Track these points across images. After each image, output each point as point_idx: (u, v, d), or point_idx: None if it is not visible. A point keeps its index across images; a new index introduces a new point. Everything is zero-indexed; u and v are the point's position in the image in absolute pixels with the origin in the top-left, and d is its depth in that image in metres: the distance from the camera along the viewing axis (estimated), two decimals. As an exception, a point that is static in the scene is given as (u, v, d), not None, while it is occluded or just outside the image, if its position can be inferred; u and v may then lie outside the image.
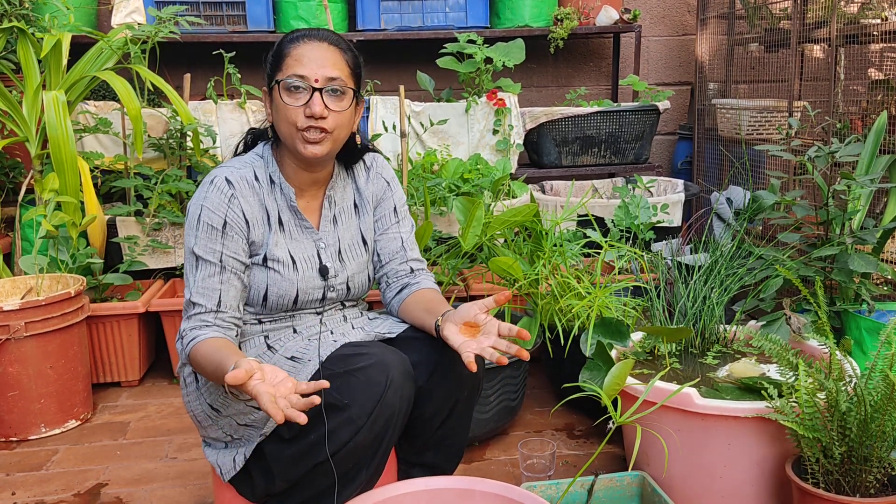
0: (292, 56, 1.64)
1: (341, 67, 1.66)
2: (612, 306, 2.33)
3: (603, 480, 1.96)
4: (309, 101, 1.62)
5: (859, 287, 2.36)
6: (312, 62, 1.63)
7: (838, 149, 2.39)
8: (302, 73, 1.62)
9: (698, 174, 4.13)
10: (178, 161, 3.23)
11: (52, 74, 2.95)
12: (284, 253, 1.72)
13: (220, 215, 1.65)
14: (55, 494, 2.19)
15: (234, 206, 1.66)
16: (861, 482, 1.68)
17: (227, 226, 1.65)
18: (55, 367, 2.54)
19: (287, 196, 1.74)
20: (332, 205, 1.81)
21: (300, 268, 1.73)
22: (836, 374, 1.81)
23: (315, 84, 1.62)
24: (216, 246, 1.65)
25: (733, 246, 2.51)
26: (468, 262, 2.83)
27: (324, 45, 1.66)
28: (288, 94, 1.63)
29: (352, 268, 1.81)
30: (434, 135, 3.50)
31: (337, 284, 1.78)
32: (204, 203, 1.66)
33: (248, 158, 1.75)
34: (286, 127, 1.65)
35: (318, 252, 1.76)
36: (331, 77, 1.64)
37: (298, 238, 1.75)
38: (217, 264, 1.65)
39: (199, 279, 1.65)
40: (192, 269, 1.67)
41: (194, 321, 1.64)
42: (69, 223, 2.78)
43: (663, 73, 4.47)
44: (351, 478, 1.61)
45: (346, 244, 1.81)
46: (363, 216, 1.85)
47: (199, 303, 1.65)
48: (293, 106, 1.63)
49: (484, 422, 2.35)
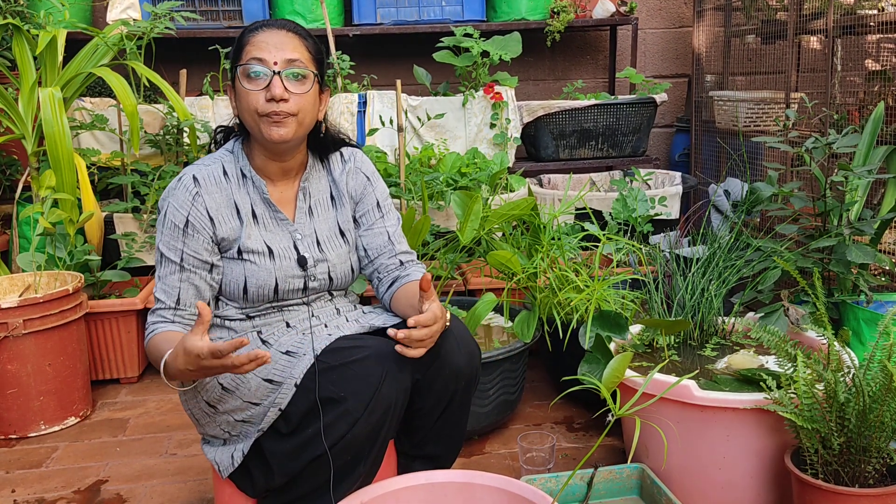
0: (251, 43, 1.65)
1: (301, 52, 1.66)
2: (611, 299, 2.33)
3: (602, 473, 1.97)
4: (269, 85, 1.63)
5: (857, 278, 2.37)
6: (271, 46, 1.64)
7: (835, 140, 2.38)
8: (260, 57, 1.63)
9: (696, 166, 4.13)
10: (175, 157, 3.22)
11: (48, 71, 2.94)
12: (260, 244, 1.73)
13: (184, 213, 1.67)
14: (55, 491, 2.19)
15: (197, 203, 1.68)
16: (860, 473, 1.69)
17: (189, 224, 1.67)
18: (54, 364, 2.54)
19: (259, 188, 1.74)
20: (307, 196, 1.81)
21: (277, 257, 1.73)
22: (835, 365, 1.81)
23: (274, 67, 1.63)
24: (178, 244, 1.68)
25: (731, 238, 2.52)
26: (466, 257, 2.83)
27: (282, 31, 1.66)
28: (248, 80, 1.63)
29: (332, 258, 1.80)
30: (431, 129, 3.50)
31: (318, 274, 1.78)
32: (170, 200, 1.68)
33: (218, 154, 1.76)
34: (249, 115, 1.66)
35: (294, 243, 1.76)
36: (290, 59, 1.64)
37: (274, 230, 1.76)
38: (177, 263, 1.68)
39: (163, 276, 1.70)
40: (158, 266, 1.71)
41: (155, 316, 1.69)
42: (66, 220, 2.78)
43: (660, 66, 4.47)
44: (349, 470, 1.62)
45: (325, 235, 1.81)
46: (340, 208, 1.85)
47: (161, 299, 1.69)
48: (254, 91, 1.63)
49: (483, 415, 2.35)
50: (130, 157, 3.16)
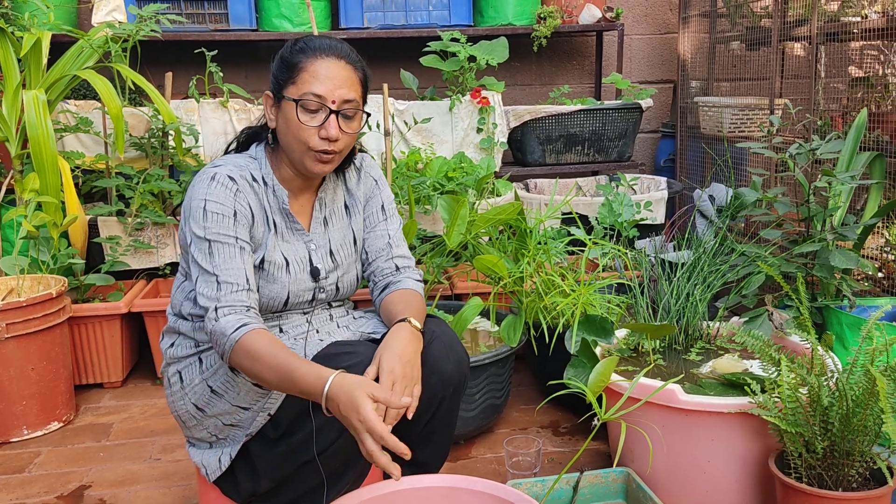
0: (308, 71, 1.60)
1: (356, 88, 1.64)
2: (597, 304, 2.34)
3: (588, 477, 1.97)
4: (324, 124, 1.60)
5: (840, 283, 2.39)
6: (329, 81, 1.60)
7: (819, 146, 2.40)
8: (320, 94, 1.59)
9: (681, 172, 4.16)
10: (160, 160, 3.21)
11: (32, 73, 2.92)
12: (278, 255, 1.70)
13: (230, 206, 1.61)
14: (38, 497, 2.17)
15: (240, 199, 1.63)
16: (843, 476, 1.70)
17: (238, 215, 1.62)
18: (37, 368, 2.52)
19: (280, 199, 1.71)
20: (323, 206, 1.80)
21: (293, 270, 1.71)
22: (818, 370, 1.83)
23: (332, 106, 1.60)
24: (229, 231, 1.60)
25: (716, 243, 2.53)
26: (453, 261, 2.83)
27: (341, 62, 1.62)
28: (304, 112, 1.61)
29: (342, 267, 1.80)
30: (418, 133, 3.50)
31: (327, 286, 1.78)
32: (208, 197, 1.60)
33: (242, 159, 1.71)
34: (297, 144, 1.63)
35: (308, 253, 1.75)
36: (347, 99, 1.62)
37: (290, 240, 1.73)
38: (235, 245, 1.60)
39: (221, 262, 1.57)
40: (206, 256, 1.58)
41: (230, 299, 1.55)
42: (50, 223, 2.76)
43: (646, 72, 4.49)
44: (338, 476, 1.61)
45: (337, 244, 1.80)
46: (354, 216, 1.84)
47: (231, 281, 1.56)
48: (308, 126, 1.61)
49: (469, 420, 2.35)
50: (115, 160, 3.14)
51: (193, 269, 1.61)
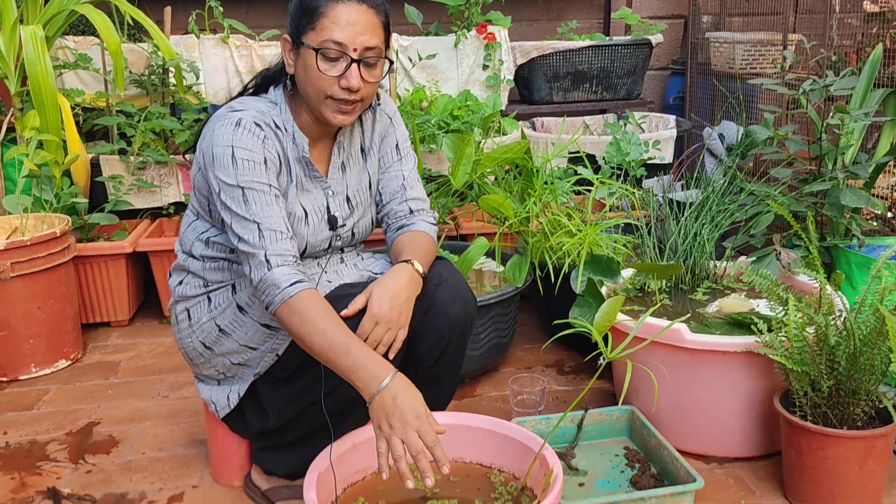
0: (329, 17, 1.53)
1: (379, 34, 1.57)
2: (603, 243, 2.32)
3: (592, 415, 1.98)
4: (345, 73, 1.54)
5: (850, 222, 2.36)
6: (351, 27, 1.53)
7: (833, 82, 2.35)
8: (340, 41, 1.52)
9: (691, 109, 4.09)
10: (161, 98, 3.16)
11: (30, 8, 2.86)
12: (297, 206, 1.66)
13: (259, 153, 1.55)
14: (47, 433, 2.19)
15: (268, 146, 1.57)
16: (848, 415, 1.70)
17: (268, 162, 1.57)
18: (43, 307, 2.53)
19: (300, 146, 1.65)
20: (341, 151, 1.75)
21: (311, 220, 1.67)
22: (826, 309, 1.82)
23: (353, 54, 1.54)
24: (262, 178, 1.55)
25: (725, 182, 2.50)
26: (458, 201, 2.81)
27: (363, 6, 1.55)
28: (323, 61, 1.54)
29: (358, 212, 1.77)
30: (422, 70, 3.44)
31: (344, 234, 1.75)
32: (235, 144, 1.53)
33: (263, 104, 1.64)
34: (316, 92, 1.57)
35: (326, 201, 1.71)
36: (369, 46, 1.55)
37: (309, 188, 1.68)
38: (270, 192, 1.55)
39: (258, 209, 1.52)
40: (240, 203, 1.53)
41: (278, 248, 1.51)
42: (52, 162, 2.73)
43: (656, 6, 4.38)
44: (345, 417, 1.62)
45: (354, 189, 1.76)
46: (370, 159, 1.79)
47: (274, 228, 1.52)
48: (328, 76, 1.54)
49: (475, 359, 2.36)
50: (115, 97, 3.10)
51: (226, 215, 1.55)
